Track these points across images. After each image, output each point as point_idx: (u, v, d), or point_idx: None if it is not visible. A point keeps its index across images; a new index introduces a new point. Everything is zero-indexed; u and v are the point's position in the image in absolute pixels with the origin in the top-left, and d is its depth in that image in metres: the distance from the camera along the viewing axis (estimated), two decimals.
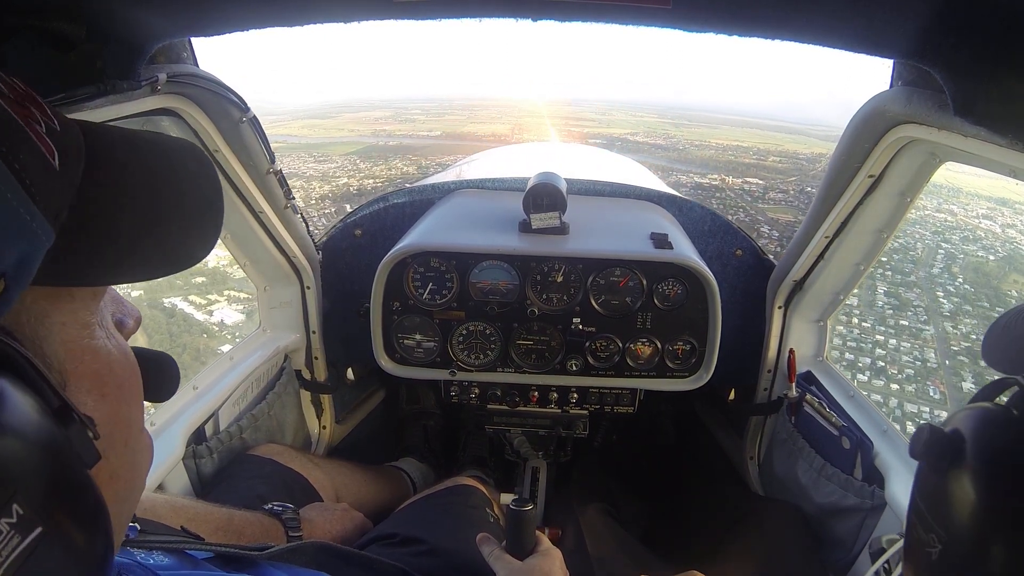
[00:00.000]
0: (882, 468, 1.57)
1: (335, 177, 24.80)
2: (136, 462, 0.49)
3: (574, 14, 1.00)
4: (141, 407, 0.52)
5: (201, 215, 0.52)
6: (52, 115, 0.42)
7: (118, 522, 0.46)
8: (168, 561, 0.77)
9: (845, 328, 13.48)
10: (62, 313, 0.43)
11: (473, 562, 1.33)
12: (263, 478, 1.68)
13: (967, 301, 14.41)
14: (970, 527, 0.54)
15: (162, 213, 0.48)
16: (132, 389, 0.49)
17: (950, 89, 0.99)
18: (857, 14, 0.90)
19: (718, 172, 28.36)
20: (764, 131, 44.97)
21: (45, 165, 0.38)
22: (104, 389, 0.45)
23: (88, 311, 0.45)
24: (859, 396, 1.82)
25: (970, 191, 17.66)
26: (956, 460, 0.55)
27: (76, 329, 0.44)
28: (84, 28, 0.89)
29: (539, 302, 1.84)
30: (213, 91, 1.43)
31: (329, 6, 1.04)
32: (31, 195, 0.36)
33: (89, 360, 0.44)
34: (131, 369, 0.50)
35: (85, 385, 0.44)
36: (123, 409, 0.47)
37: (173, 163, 0.51)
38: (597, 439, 2.69)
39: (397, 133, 47.57)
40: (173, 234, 0.50)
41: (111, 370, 0.46)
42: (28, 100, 0.40)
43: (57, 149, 0.40)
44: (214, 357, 1.89)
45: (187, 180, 0.51)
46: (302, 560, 1.03)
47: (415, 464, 2.38)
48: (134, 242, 0.46)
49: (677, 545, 1.97)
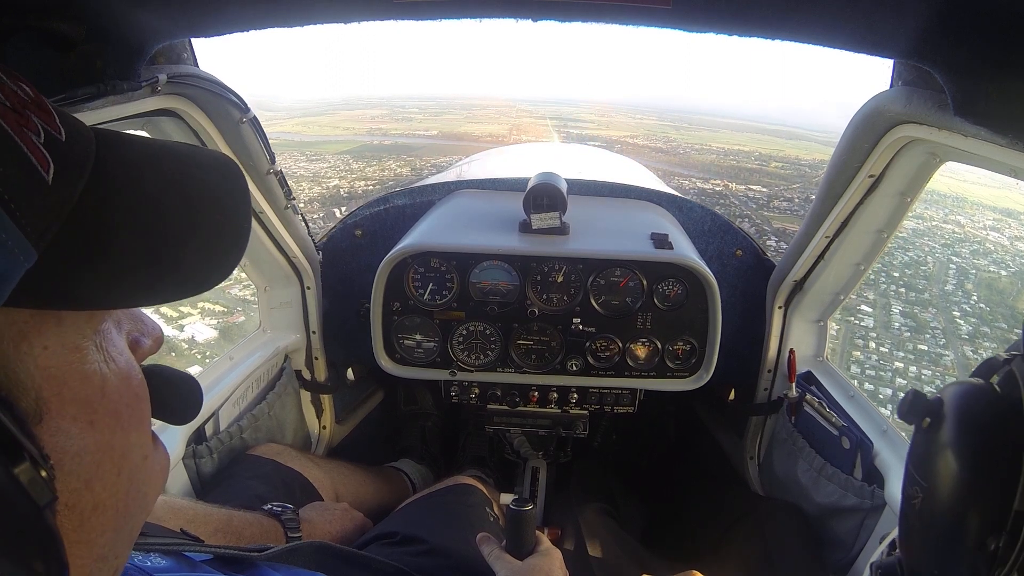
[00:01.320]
0: (882, 468, 1.57)
1: (326, 178, 24.55)
2: (133, 490, 0.46)
3: (574, 14, 1.00)
4: (145, 433, 0.48)
5: (221, 239, 0.48)
6: (60, 124, 0.40)
7: (104, 550, 0.44)
8: (166, 563, 0.77)
9: (863, 354, 13.40)
10: (45, 336, 0.39)
11: (473, 562, 1.33)
12: (263, 478, 1.68)
13: (984, 322, 14.30)
14: (945, 481, 0.65)
15: (173, 235, 0.45)
16: (132, 416, 0.46)
17: (950, 89, 0.99)
18: (857, 14, 0.90)
19: (721, 178, 28.26)
20: (765, 135, 44.88)
21: (33, 178, 0.36)
22: (93, 416, 0.42)
23: (80, 334, 0.42)
24: (859, 396, 1.82)
25: (974, 200, 17.60)
26: (934, 424, 0.66)
27: (63, 354, 0.40)
28: (84, 28, 0.89)
29: (539, 302, 1.84)
30: (213, 91, 1.43)
31: (329, 6, 1.04)
32: (8, 210, 0.33)
33: (77, 386, 0.41)
34: (132, 395, 0.46)
35: (71, 412, 0.40)
36: (117, 438, 0.44)
37: (198, 181, 0.47)
38: (597, 439, 2.70)
39: (393, 132, 47.40)
40: (184, 259, 0.46)
41: (104, 396, 0.43)
42: (32, 107, 0.38)
43: (54, 161, 0.37)
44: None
45: (211, 200, 0.47)
46: (300, 561, 1.03)
47: (413, 465, 2.38)
48: (133, 266, 0.42)
49: (677, 545, 1.97)
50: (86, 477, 0.41)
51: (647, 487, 2.55)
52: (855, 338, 14.19)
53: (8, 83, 0.38)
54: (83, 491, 0.41)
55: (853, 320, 14.82)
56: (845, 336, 13.86)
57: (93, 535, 0.42)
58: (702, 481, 2.46)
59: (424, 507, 1.69)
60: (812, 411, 1.85)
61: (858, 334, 14.41)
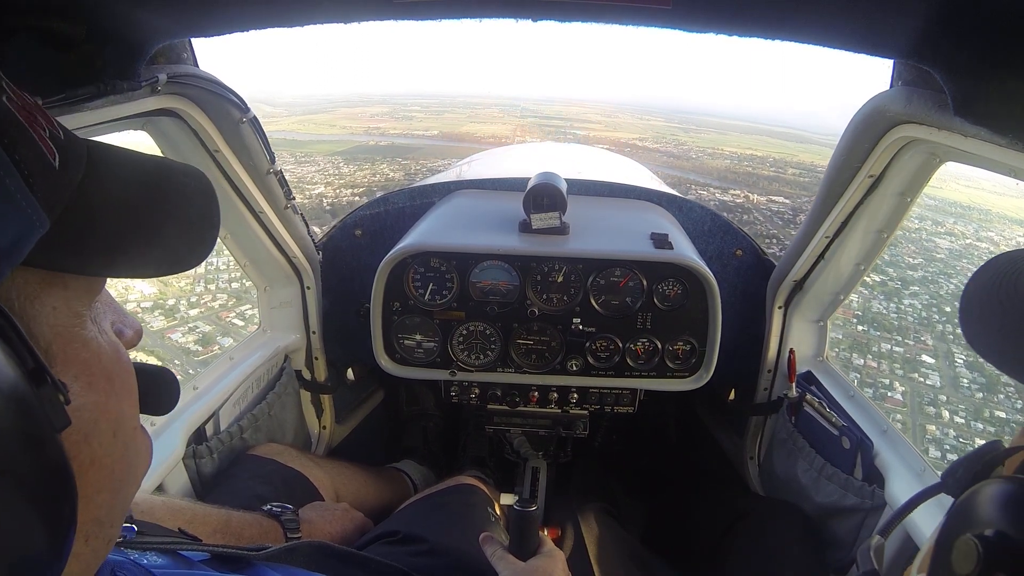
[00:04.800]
0: (882, 468, 1.58)
1: (311, 184, 23.84)
2: (127, 457, 0.51)
3: (574, 14, 1.00)
4: (134, 407, 0.53)
5: (194, 226, 0.56)
6: (57, 127, 0.46)
7: (100, 512, 0.48)
8: (163, 561, 0.77)
9: (938, 428, 11.40)
10: (54, 298, 0.45)
11: (474, 562, 1.33)
12: (263, 478, 1.68)
13: None
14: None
15: (153, 219, 0.52)
16: (124, 386, 0.51)
17: (950, 89, 0.99)
18: (857, 14, 0.90)
19: (739, 187, 27.76)
20: (774, 139, 44.54)
21: (44, 162, 0.42)
22: (91, 379, 0.47)
23: (81, 303, 0.47)
24: (859, 396, 1.82)
25: (998, 212, 17.01)
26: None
27: (67, 316, 0.46)
28: (84, 28, 0.89)
29: (539, 302, 1.84)
30: (213, 91, 1.43)
31: (329, 6, 1.04)
32: (28, 184, 0.39)
33: (79, 348, 0.47)
34: (123, 367, 0.52)
35: (72, 371, 0.46)
36: (112, 402, 0.49)
37: (173, 180, 0.55)
38: (597, 439, 2.70)
39: (391, 132, 46.94)
40: (166, 240, 0.53)
41: (100, 362, 0.48)
42: (36, 110, 0.44)
43: (58, 152, 0.43)
44: None
45: (184, 195, 0.55)
46: (299, 560, 1.03)
47: (415, 466, 2.38)
48: (122, 241, 0.49)
49: (677, 545, 1.97)
50: (85, 431, 0.46)
51: (647, 487, 2.55)
52: (924, 404, 12.08)
53: (15, 89, 0.44)
54: (82, 444, 0.45)
55: (917, 378, 12.54)
56: (914, 404, 11.98)
57: (90, 491, 0.46)
58: (702, 481, 2.46)
59: (425, 507, 1.69)
60: (812, 411, 1.85)
61: (926, 397, 12.13)
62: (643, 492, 2.47)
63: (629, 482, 2.50)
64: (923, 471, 1.50)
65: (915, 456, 1.55)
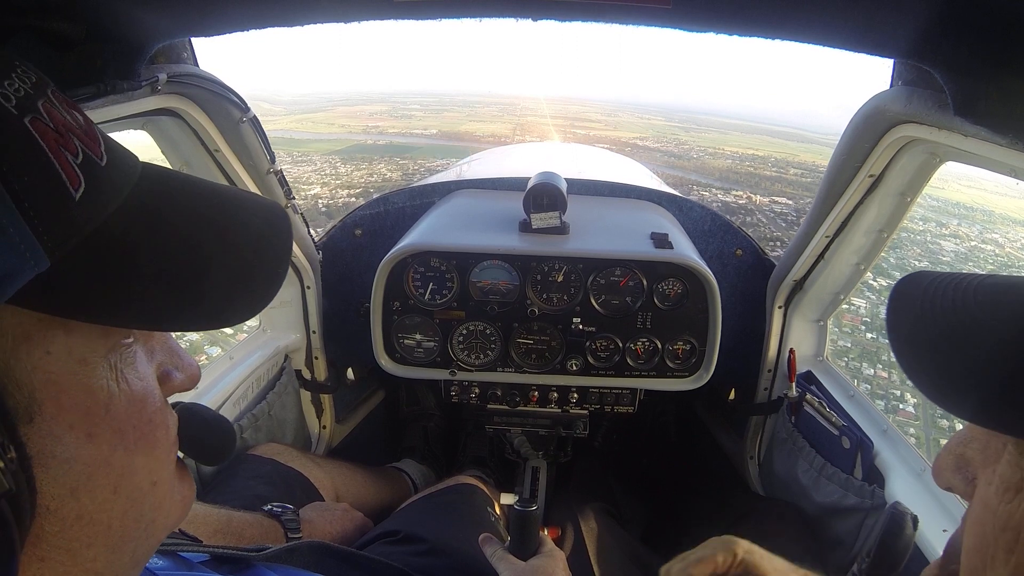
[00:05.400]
0: (882, 468, 1.58)
1: (307, 184, 23.53)
2: (132, 513, 0.46)
3: (574, 14, 1.00)
4: (158, 460, 0.48)
5: (252, 280, 0.49)
6: (105, 151, 0.42)
7: (95, 565, 0.44)
8: (163, 563, 0.77)
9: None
10: (50, 342, 0.40)
11: (475, 561, 1.33)
12: (263, 478, 1.68)
13: None
14: None
15: (200, 269, 0.46)
16: (141, 439, 0.46)
17: (950, 89, 0.99)
18: (857, 14, 0.89)
19: (741, 187, 27.65)
20: (775, 138, 44.35)
21: (59, 191, 0.38)
22: (93, 429, 0.42)
23: (89, 348, 0.42)
24: (859, 396, 1.82)
25: (1000, 213, 16.95)
26: None
27: (67, 362, 0.41)
28: (84, 28, 0.89)
29: (539, 302, 1.84)
30: (213, 91, 1.43)
31: (329, 6, 1.04)
32: (24, 214, 0.35)
33: (79, 396, 0.42)
34: (143, 419, 0.46)
35: (68, 420, 0.41)
36: (117, 456, 0.44)
37: (238, 222, 0.48)
38: (597, 439, 2.69)
39: (389, 130, 46.54)
40: (208, 293, 0.46)
41: (107, 413, 0.43)
42: (77, 132, 0.40)
43: (85, 181, 0.39)
44: None
45: (250, 241, 0.48)
46: (299, 561, 1.03)
47: (415, 466, 2.38)
48: (151, 290, 0.43)
49: (677, 545, 1.96)
50: (72, 485, 0.42)
51: (647, 487, 2.55)
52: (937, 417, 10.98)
53: (60, 108, 0.40)
54: (67, 498, 0.42)
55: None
56: (926, 416, 11.01)
57: (76, 545, 0.43)
58: (702, 481, 2.46)
59: (425, 507, 1.69)
60: (812, 411, 1.85)
61: (939, 410, 11.14)
62: (643, 492, 2.47)
63: (629, 482, 2.50)
64: (923, 471, 1.50)
65: (915, 456, 1.56)
